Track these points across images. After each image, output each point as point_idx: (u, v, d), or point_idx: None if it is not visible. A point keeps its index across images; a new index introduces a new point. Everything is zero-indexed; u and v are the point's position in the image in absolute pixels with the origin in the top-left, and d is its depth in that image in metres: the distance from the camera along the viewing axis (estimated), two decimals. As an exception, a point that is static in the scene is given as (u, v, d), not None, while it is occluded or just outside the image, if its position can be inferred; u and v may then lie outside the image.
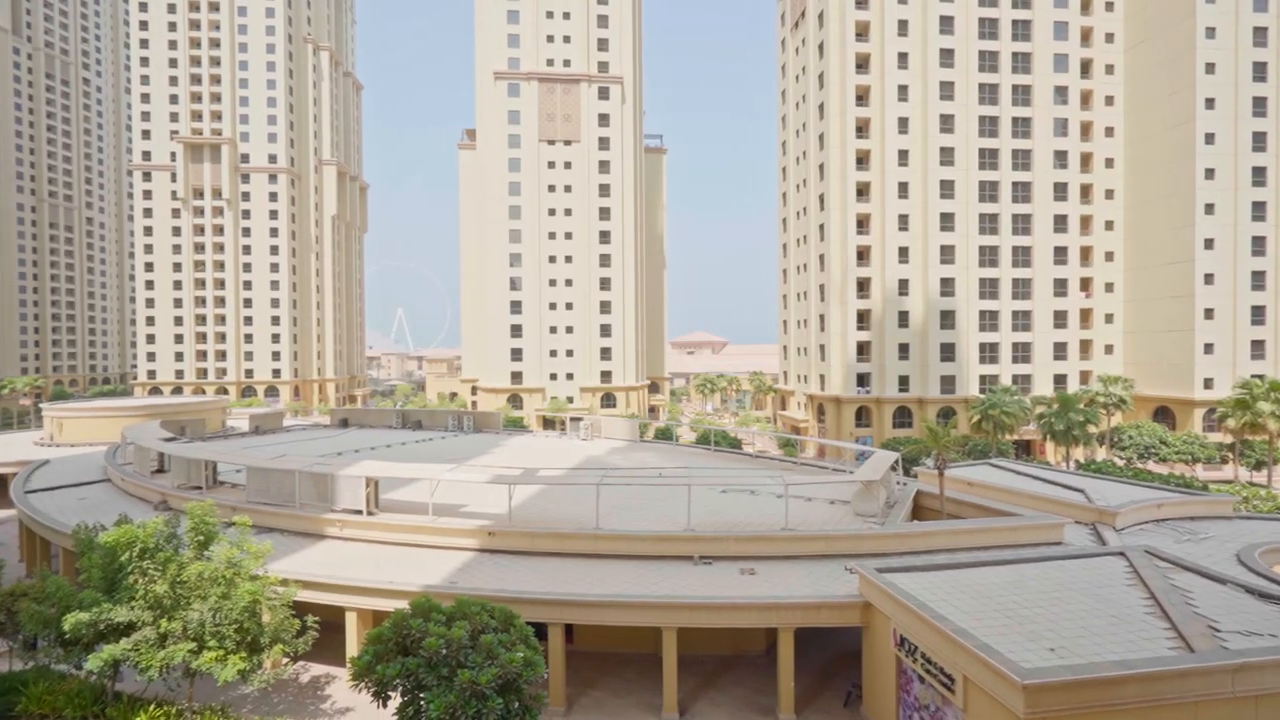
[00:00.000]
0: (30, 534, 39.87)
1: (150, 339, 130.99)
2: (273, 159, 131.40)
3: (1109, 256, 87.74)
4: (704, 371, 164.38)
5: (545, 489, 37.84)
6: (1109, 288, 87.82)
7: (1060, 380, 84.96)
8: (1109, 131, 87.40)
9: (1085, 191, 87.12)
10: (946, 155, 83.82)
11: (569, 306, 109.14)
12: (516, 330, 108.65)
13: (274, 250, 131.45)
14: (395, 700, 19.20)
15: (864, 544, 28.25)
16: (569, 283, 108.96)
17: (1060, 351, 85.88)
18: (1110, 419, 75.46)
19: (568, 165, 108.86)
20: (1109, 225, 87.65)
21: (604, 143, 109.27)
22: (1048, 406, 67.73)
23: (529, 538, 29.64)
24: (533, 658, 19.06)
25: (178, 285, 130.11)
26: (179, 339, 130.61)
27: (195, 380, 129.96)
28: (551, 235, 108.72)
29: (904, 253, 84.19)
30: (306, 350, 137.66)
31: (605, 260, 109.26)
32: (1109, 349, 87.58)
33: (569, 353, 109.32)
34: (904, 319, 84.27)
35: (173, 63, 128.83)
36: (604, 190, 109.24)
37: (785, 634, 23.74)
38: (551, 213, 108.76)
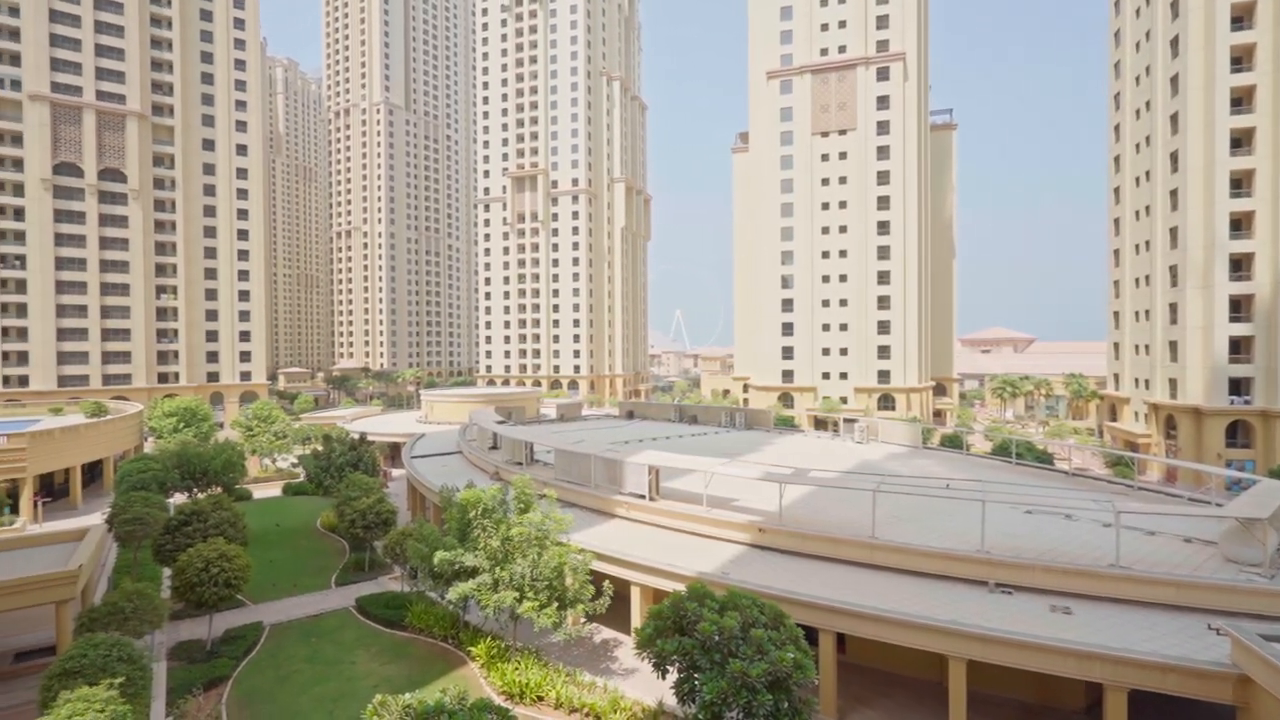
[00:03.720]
0: (413, 489, 52.36)
1: (488, 339, 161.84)
2: (575, 182, 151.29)
3: None
4: (1003, 373, 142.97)
5: (816, 490, 37.05)
6: None
7: None
8: None
9: None
10: (1395, 75, 59.96)
11: (843, 303, 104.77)
12: (788, 329, 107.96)
13: (575, 262, 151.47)
14: (673, 675, 20.76)
15: (1239, 599, 22.10)
16: (843, 278, 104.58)
17: None
18: None
19: (842, 156, 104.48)
20: None
21: (882, 127, 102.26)
22: None
23: (799, 538, 29.42)
24: (803, 660, 18.93)
25: (506, 295, 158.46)
26: (507, 339, 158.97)
27: (518, 374, 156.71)
28: (824, 230, 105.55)
29: (1313, 217, 62.53)
30: (600, 349, 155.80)
31: (883, 252, 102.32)
32: None
33: (843, 351, 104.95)
34: (1313, 306, 62.67)
35: (504, 112, 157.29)
36: (882, 178, 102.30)
37: (1115, 695, 19.70)
38: (825, 207, 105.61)
